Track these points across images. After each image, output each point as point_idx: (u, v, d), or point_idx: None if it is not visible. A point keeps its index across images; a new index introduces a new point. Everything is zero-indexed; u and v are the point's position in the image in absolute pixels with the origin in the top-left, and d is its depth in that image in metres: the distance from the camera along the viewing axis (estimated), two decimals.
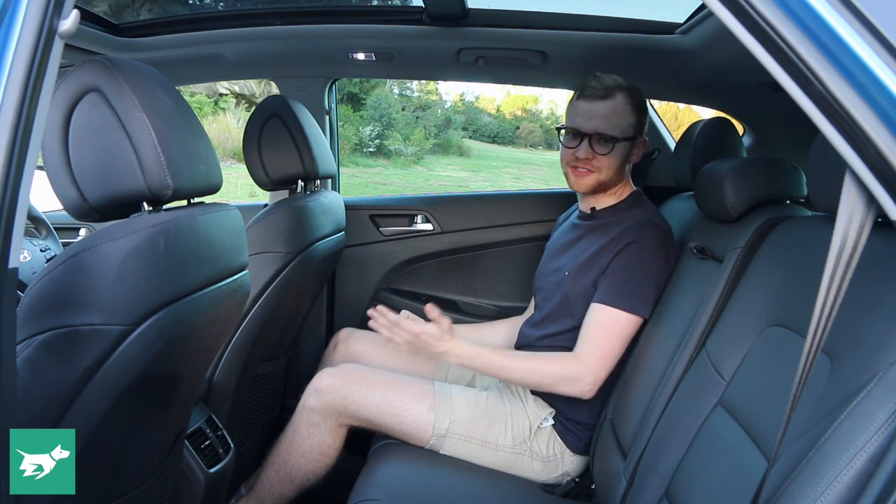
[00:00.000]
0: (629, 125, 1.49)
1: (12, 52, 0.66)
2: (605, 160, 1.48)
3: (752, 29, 0.65)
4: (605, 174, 1.50)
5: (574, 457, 1.50)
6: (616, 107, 1.47)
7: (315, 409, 1.48)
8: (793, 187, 1.30)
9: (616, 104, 1.47)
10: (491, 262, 2.16)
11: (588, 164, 1.49)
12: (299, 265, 1.55)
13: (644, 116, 1.52)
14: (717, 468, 0.99)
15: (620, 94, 1.47)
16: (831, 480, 0.67)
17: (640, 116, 1.51)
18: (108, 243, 0.82)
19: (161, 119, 0.89)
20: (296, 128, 1.64)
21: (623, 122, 1.48)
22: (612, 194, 1.56)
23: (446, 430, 1.46)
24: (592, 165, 1.49)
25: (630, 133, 1.50)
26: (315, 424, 1.49)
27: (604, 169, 1.49)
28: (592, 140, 1.47)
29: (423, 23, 1.75)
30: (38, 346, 0.78)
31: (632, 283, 1.41)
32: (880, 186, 0.63)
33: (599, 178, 1.50)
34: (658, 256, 1.43)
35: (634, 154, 1.53)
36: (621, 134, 1.48)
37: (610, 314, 1.41)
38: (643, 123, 1.52)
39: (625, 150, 1.50)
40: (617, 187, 1.55)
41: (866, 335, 0.75)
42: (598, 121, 1.47)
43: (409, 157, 12.72)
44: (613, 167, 1.49)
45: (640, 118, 1.51)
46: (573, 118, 1.50)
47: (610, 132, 1.47)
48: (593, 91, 1.47)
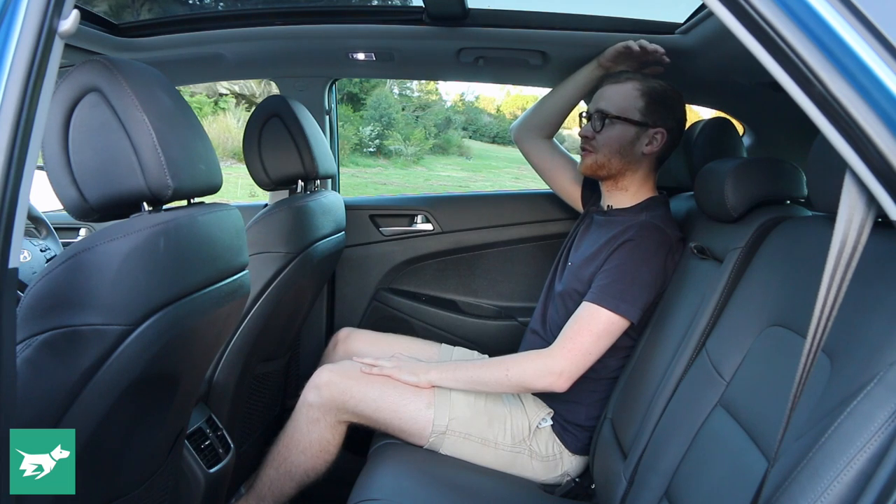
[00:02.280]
0: (633, 108, 1.49)
1: (12, 52, 0.66)
2: (601, 138, 1.51)
3: (752, 29, 0.65)
4: (604, 154, 1.51)
5: (573, 457, 1.50)
6: (624, 90, 1.50)
7: (314, 406, 1.48)
8: (793, 187, 1.30)
9: (624, 87, 1.50)
10: (491, 262, 2.16)
11: (588, 143, 1.53)
12: (299, 265, 1.55)
13: (661, 108, 1.50)
14: (717, 468, 0.99)
15: (632, 80, 1.50)
16: (831, 480, 0.67)
17: (652, 104, 1.49)
18: (108, 243, 0.82)
19: (161, 119, 0.89)
20: (296, 128, 1.64)
21: (625, 104, 1.49)
22: (628, 192, 1.55)
23: (446, 428, 1.46)
24: (591, 145, 1.53)
25: (635, 116, 1.49)
26: (314, 420, 1.49)
27: (600, 148, 1.51)
28: (593, 118, 1.52)
29: (423, 23, 1.75)
30: (39, 346, 0.78)
31: (620, 283, 1.39)
32: (880, 186, 0.63)
33: (597, 158, 1.52)
34: (652, 260, 1.41)
35: (646, 144, 1.51)
36: (619, 112, 1.49)
37: (590, 310, 1.40)
38: (658, 114, 1.50)
39: (625, 133, 1.50)
40: (628, 180, 1.54)
41: (866, 335, 0.75)
42: (599, 100, 1.53)
43: (409, 157, 12.72)
44: (611, 147, 1.50)
45: (653, 106, 1.49)
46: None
47: (608, 109, 1.50)
48: (610, 79, 1.53)
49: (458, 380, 1.48)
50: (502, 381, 1.43)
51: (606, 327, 1.39)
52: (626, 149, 1.51)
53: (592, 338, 1.39)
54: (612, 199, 1.58)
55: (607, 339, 1.40)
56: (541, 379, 1.39)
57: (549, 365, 1.39)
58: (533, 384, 1.41)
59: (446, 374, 1.48)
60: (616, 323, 1.39)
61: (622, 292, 1.39)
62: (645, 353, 1.41)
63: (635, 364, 1.43)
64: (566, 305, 1.52)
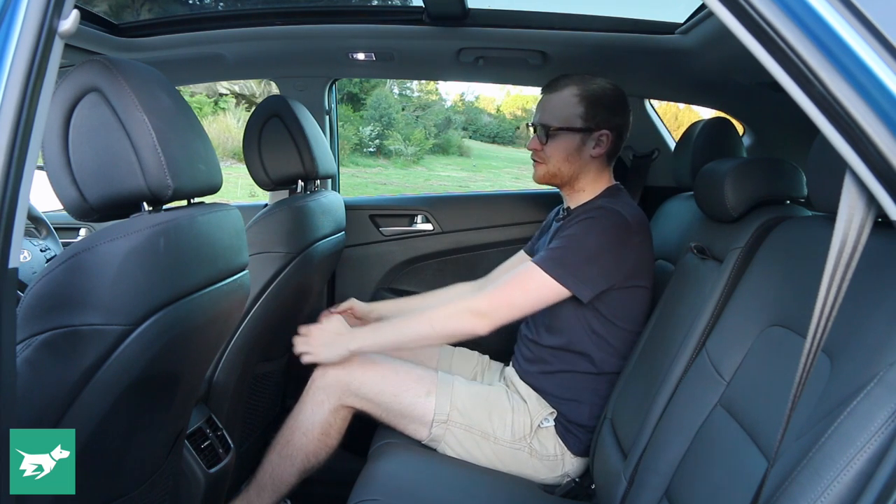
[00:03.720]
0: (574, 115, 1.50)
1: (12, 52, 0.66)
2: (548, 150, 1.53)
3: (752, 29, 0.65)
4: (553, 164, 1.53)
5: (574, 458, 1.50)
6: (561, 98, 1.52)
7: (320, 387, 1.50)
8: (793, 187, 1.30)
9: (561, 96, 1.52)
10: (491, 262, 2.15)
11: (537, 154, 1.56)
12: (299, 265, 1.55)
13: (602, 110, 1.50)
14: (717, 468, 0.99)
15: (569, 86, 1.51)
16: (831, 480, 0.67)
17: (592, 108, 1.50)
18: (108, 243, 0.82)
19: (161, 119, 0.89)
20: (296, 128, 1.64)
21: (565, 113, 1.50)
22: (582, 191, 1.56)
23: (447, 417, 1.46)
24: (539, 156, 1.55)
25: (577, 124, 1.50)
26: (319, 403, 1.50)
27: (549, 160, 1.54)
28: (537, 131, 1.55)
29: (423, 23, 1.75)
30: (39, 346, 0.78)
31: (564, 252, 1.39)
32: (880, 186, 0.63)
33: (548, 168, 1.55)
34: (606, 241, 1.39)
35: (593, 147, 1.51)
36: (561, 123, 1.51)
37: (528, 268, 1.40)
38: (599, 116, 1.50)
39: (570, 141, 1.51)
40: (582, 182, 1.55)
41: (866, 335, 0.75)
42: (542, 112, 1.55)
43: (409, 157, 12.72)
44: (558, 157, 1.52)
45: (594, 110, 1.50)
46: None
47: (550, 122, 1.52)
48: (547, 87, 1.55)
49: (382, 342, 1.47)
50: (428, 333, 1.42)
51: (538, 289, 1.38)
52: (574, 156, 1.52)
53: (521, 292, 1.39)
54: (571, 201, 1.60)
55: (537, 300, 1.40)
56: (463, 321, 1.39)
57: (470, 305, 1.39)
58: (456, 328, 1.40)
59: (367, 339, 1.47)
60: (551, 288, 1.38)
61: (562, 259, 1.39)
62: (645, 352, 1.41)
63: (635, 364, 1.43)
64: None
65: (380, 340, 1.47)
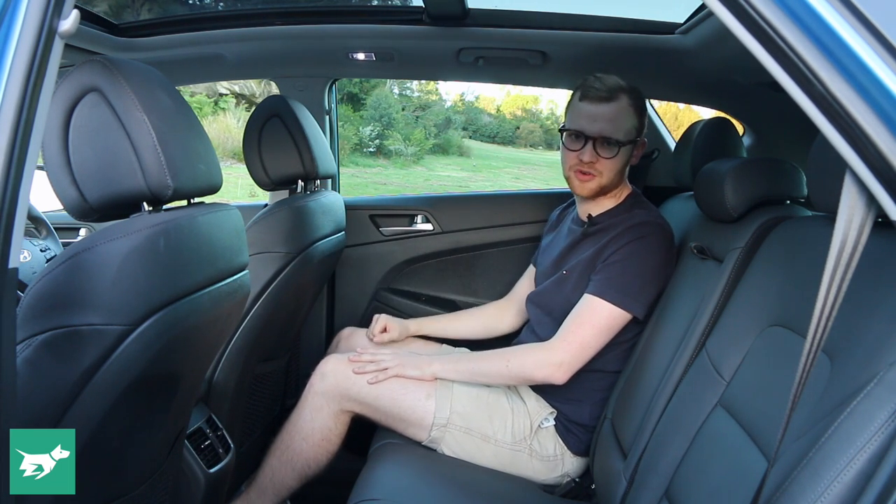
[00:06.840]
0: (632, 128, 1.48)
1: (12, 52, 0.66)
2: (609, 164, 1.47)
3: (752, 29, 0.65)
4: (607, 178, 1.48)
5: (574, 458, 1.50)
6: (620, 109, 1.46)
7: (319, 392, 1.50)
8: (793, 187, 1.30)
9: (620, 106, 1.46)
10: (491, 262, 2.16)
11: (592, 167, 1.47)
12: (299, 265, 1.55)
13: (644, 118, 1.52)
14: (717, 468, 0.99)
15: (624, 96, 1.46)
16: (831, 480, 0.67)
17: (641, 119, 1.50)
18: (108, 243, 0.82)
19: (161, 119, 0.89)
20: (296, 128, 1.64)
21: (627, 125, 1.47)
22: (611, 197, 1.55)
23: (447, 421, 1.46)
24: (595, 169, 1.47)
25: (633, 136, 1.49)
26: (318, 408, 1.50)
27: (606, 173, 1.47)
28: (597, 143, 1.46)
29: (423, 23, 1.75)
30: (39, 346, 0.78)
31: (624, 277, 1.40)
32: (880, 186, 0.63)
33: (601, 182, 1.48)
34: (657, 256, 1.42)
35: (634, 156, 1.53)
36: (625, 137, 1.47)
37: (591, 303, 1.41)
38: (643, 125, 1.52)
39: (627, 154, 1.50)
40: (616, 190, 1.55)
41: (866, 335, 0.75)
42: (603, 123, 1.45)
43: (409, 157, 12.71)
44: (616, 171, 1.48)
45: (642, 120, 1.51)
46: (576, 120, 1.48)
47: (615, 136, 1.45)
48: (597, 93, 1.45)
49: (460, 371, 1.50)
50: (503, 372, 1.46)
51: (608, 321, 1.40)
52: (626, 165, 1.52)
53: (593, 331, 1.40)
54: (595, 208, 1.55)
55: (608, 333, 1.41)
56: (540, 370, 1.42)
57: (548, 356, 1.41)
58: (532, 375, 1.44)
59: (448, 367, 1.50)
60: (618, 317, 1.40)
61: (625, 286, 1.40)
62: (645, 352, 1.41)
63: (635, 364, 1.43)
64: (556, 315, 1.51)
65: (459, 370, 1.50)
